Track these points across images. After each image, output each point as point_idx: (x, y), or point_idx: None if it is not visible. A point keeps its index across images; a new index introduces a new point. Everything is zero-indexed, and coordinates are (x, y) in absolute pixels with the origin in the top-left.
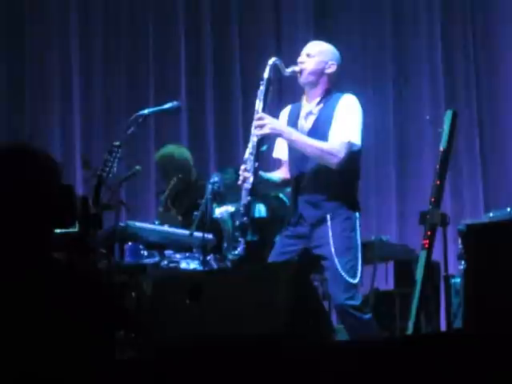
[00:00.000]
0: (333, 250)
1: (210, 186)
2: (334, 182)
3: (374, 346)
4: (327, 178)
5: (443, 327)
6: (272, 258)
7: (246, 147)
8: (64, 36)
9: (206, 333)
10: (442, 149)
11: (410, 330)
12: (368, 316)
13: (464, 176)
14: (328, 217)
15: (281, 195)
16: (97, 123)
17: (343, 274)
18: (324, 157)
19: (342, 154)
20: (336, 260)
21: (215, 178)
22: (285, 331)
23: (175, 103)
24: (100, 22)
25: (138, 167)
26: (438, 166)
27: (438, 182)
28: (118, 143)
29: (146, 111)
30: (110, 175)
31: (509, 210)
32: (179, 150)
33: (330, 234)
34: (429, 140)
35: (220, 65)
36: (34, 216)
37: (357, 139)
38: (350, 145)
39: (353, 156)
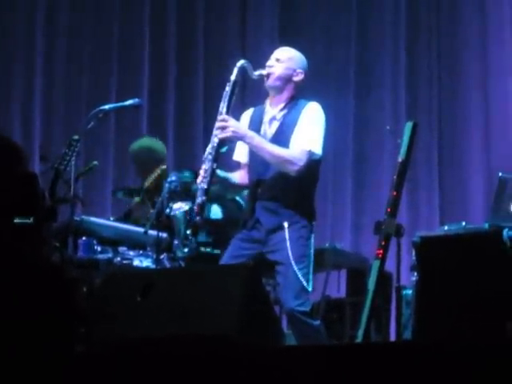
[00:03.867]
0: (290, 255)
1: (167, 185)
2: (293, 190)
3: (323, 352)
4: (286, 185)
5: (393, 338)
6: (224, 260)
7: (204, 147)
8: (28, 35)
9: (155, 330)
10: (400, 160)
11: (359, 339)
12: (317, 323)
13: (421, 188)
14: (285, 224)
15: (237, 198)
16: (57, 121)
17: (301, 278)
18: (284, 164)
19: (301, 163)
20: (294, 265)
21: (173, 177)
22: (234, 333)
23: (136, 100)
24: (64, 21)
25: (95, 162)
26: (395, 177)
27: (395, 193)
28: (76, 137)
29: (106, 107)
30: (68, 169)
31: (464, 223)
32: (157, 143)
33: (288, 239)
34: (388, 150)
35: (183, 66)
36: None
37: (318, 148)
38: (311, 154)
39: (312, 165)
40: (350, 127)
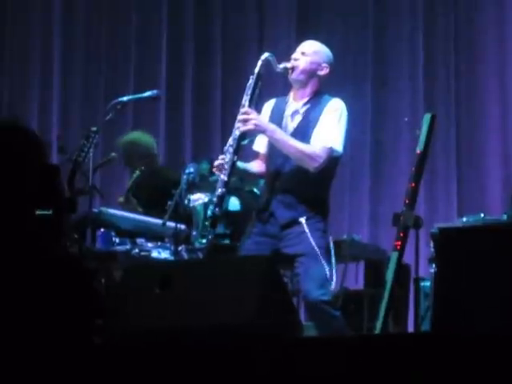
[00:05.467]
0: (315, 245)
1: (185, 177)
2: (310, 184)
3: (342, 344)
4: (303, 179)
5: (411, 330)
6: (241, 253)
7: (222, 139)
8: (46, 23)
9: (173, 322)
10: (418, 151)
11: (377, 331)
12: (338, 313)
13: (439, 180)
14: (301, 219)
15: (255, 190)
16: (75, 110)
17: (325, 268)
18: (304, 160)
19: (321, 159)
20: (319, 255)
21: (191, 169)
22: (253, 324)
23: (154, 92)
24: (82, 9)
25: (113, 154)
26: (413, 169)
27: (413, 185)
28: (95, 129)
29: (124, 98)
30: (86, 160)
31: (482, 215)
32: (144, 137)
33: (308, 231)
34: (406, 142)
35: (200, 55)
36: (17, 193)
37: (338, 146)
38: (331, 151)
39: (331, 161)
40: (368, 118)
